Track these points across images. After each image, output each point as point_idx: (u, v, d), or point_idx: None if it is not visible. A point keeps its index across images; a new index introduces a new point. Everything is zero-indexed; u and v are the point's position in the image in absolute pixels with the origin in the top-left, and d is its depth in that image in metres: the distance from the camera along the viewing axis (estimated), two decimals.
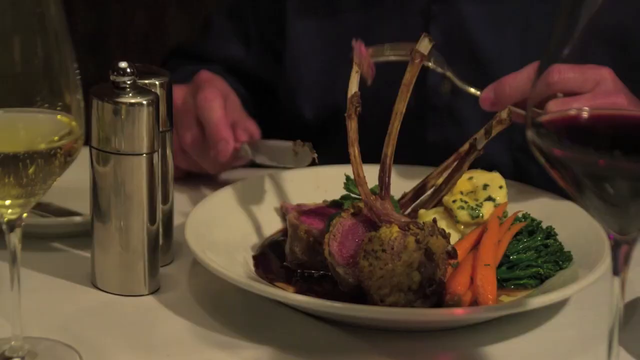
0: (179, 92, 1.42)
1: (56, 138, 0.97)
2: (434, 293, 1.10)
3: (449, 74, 1.35)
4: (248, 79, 1.67)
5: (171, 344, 1.09)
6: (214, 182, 1.48)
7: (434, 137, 1.57)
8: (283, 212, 1.34)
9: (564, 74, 1.22)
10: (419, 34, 1.53)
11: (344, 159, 1.39)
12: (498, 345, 1.10)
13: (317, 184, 1.38)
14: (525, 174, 1.49)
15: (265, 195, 1.35)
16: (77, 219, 1.30)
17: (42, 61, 0.96)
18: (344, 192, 1.30)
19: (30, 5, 0.95)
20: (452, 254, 1.13)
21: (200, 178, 1.50)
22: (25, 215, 1.00)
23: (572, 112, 0.89)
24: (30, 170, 0.96)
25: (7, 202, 0.98)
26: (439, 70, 1.35)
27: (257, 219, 1.32)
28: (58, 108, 0.97)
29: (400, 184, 1.32)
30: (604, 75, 1.25)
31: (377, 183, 1.20)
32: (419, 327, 1.12)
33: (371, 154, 1.38)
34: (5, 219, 1.00)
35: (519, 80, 1.23)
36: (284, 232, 1.31)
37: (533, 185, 1.34)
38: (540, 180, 1.34)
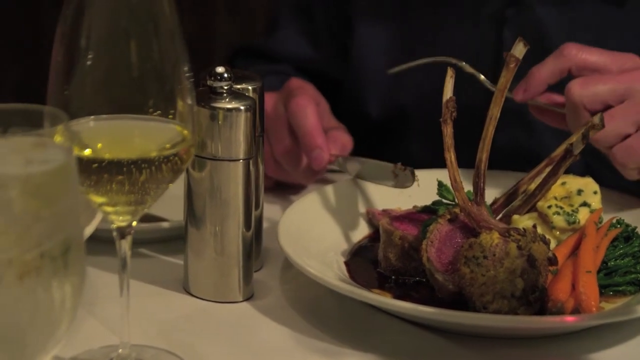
0: (269, 100, 1.40)
1: (168, 146, 0.96)
2: (537, 300, 1.09)
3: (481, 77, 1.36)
4: (316, 78, 1.65)
5: (274, 351, 1.09)
6: (293, 187, 1.47)
7: (503, 141, 1.56)
8: (369, 218, 1.33)
9: (581, 48, 1.25)
10: (490, 38, 1.54)
11: (410, 158, 1.38)
12: (602, 353, 1.09)
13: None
14: (596, 179, 1.48)
15: (350, 201, 1.34)
16: (165, 224, 1.30)
17: (157, 64, 0.95)
18: (428, 196, 1.28)
19: (145, 5, 0.94)
20: (553, 260, 1.12)
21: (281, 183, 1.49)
22: (135, 223, 1.00)
23: None
24: (141, 178, 0.96)
25: (118, 209, 0.98)
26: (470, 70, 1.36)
27: (344, 224, 1.31)
28: (170, 115, 0.96)
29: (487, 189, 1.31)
30: (630, 56, 1.25)
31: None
32: (522, 334, 1.11)
33: (425, 156, 1.39)
34: (116, 226, 0.99)
35: (544, 68, 1.28)
36: (371, 237, 1.31)
37: None
38: (613, 185, 1.33)
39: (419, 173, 1.34)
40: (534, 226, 1.15)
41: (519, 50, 1.20)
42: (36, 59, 2.26)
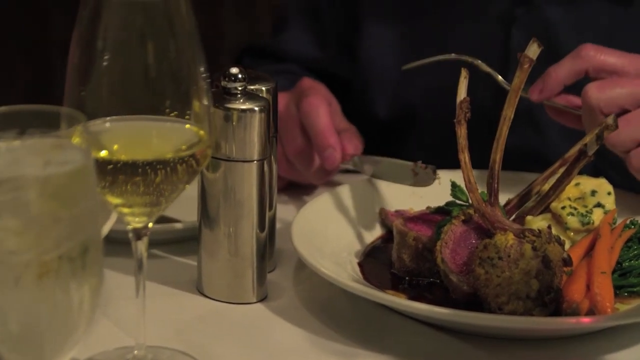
0: (281, 100, 1.39)
1: (184, 147, 0.96)
2: (552, 301, 1.09)
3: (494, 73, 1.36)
4: (323, 78, 1.65)
5: (288, 352, 1.08)
6: (305, 188, 1.47)
7: (513, 143, 1.55)
8: (382, 218, 1.33)
9: (599, 50, 1.25)
10: (498, 37, 1.53)
11: (418, 158, 1.38)
12: (618, 354, 1.09)
13: (412, 189, 1.36)
14: None
15: (363, 202, 1.34)
16: (179, 225, 1.29)
17: (174, 65, 0.95)
18: (441, 197, 1.28)
19: (161, 6, 0.94)
20: (567, 261, 1.12)
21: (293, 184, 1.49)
22: (151, 224, 1.00)
23: None
24: (157, 179, 0.96)
25: (134, 210, 0.98)
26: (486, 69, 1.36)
27: (358, 225, 1.31)
28: (186, 116, 0.96)
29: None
30: None
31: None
32: (537, 335, 1.11)
33: (432, 156, 1.38)
34: (132, 227, 0.99)
35: (561, 68, 1.27)
36: (384, 238, 1.30)
37: None
38: (621, 187, 1.32)
39: None
40: (549, 227, 1.14)
41: (533, 51, 1.19)
42: (45, 60, 2.27)
